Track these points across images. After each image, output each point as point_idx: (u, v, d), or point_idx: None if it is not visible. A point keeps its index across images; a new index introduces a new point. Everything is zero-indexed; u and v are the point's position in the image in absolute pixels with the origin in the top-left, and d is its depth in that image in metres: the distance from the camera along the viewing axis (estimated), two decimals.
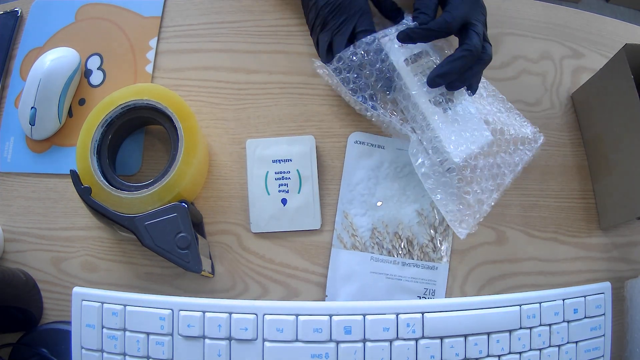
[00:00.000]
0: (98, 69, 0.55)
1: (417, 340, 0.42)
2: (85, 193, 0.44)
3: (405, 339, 0.42)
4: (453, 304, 0.44)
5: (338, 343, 0.42)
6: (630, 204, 0.48)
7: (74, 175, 0.45)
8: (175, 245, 0.43)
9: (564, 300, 0.45)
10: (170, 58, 0.56)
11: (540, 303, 0.44)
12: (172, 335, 0.42)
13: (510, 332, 0.44)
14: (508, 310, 0.44)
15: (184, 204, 0.44)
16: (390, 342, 0.42)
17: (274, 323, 0.42)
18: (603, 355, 0.46)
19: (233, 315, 0.42)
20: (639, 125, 0.45)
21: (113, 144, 0.48)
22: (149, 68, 0.55)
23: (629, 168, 0.47)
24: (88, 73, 0.55)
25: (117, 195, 0.45)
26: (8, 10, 0.57)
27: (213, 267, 0.49)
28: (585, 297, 0.46)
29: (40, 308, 0.48)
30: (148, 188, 0.45)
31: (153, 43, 0.56)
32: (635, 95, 0.45)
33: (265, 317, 0.42)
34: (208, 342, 0.42)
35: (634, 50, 0.46)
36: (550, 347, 0.44)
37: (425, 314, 0.43)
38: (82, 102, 0.54)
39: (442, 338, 0.43)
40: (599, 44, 0.59)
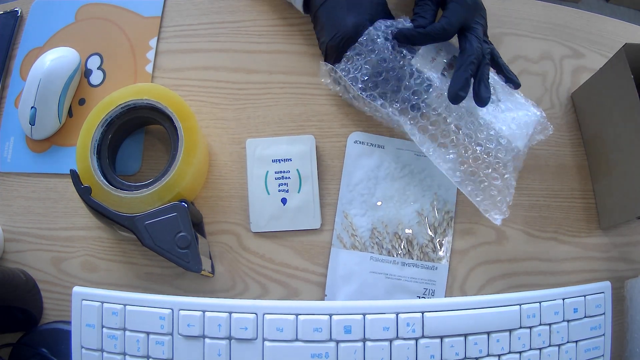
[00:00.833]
0: (98, 69, 0.55)
1: (417, 340, 0.42)
2: (85, 193, 0.44)
3: (405, 339, 0.42)
4: (453, 304, 0.44)
5: (338, 342, 0.42)
6: (630, 204, 0.48)
7: (74, 175, 0.45)
8: (175, 245, 0.43)
9: (564, 300, 0.45)
10: (170, 58, 0.56)
11: (540, 302, 0.44)
12: (172, 335, 0.42)
13: (510, 331, 0.44)
14: (508, 310, 0.44)
15: (184, 204, 0.44)
16: (390, 341, 0.42)
17: (274, 322, 0.42)
18: (603, 355, 0.46)
19: (233, 315, 0.42)
20: (639, 125, 0.45)
21: (113, 144, 0.48)
22: (149, 68, 0.55)
23: (629, 168, 0.47)
24: (88, 73, 0.55)
25: (117, 195, 0.45)
26: (8, 10, 0.57)
27: (213, 266, 0.49)
28: (585, 296, 0.46)
29: (40, 308, 0.48)
30: (148, 188, 0.45)
31: (153, 43, 0.56)
32: (635, 95, 0.45)
33: (265, 316, 0.42)
34: (208, 341, 0.42)
35: (634, 50, 0.46)
36: (550, 346, 0.44)
37: (425, 314, 0.43)
38: (82, 102, 0.54)
39: (442, 337, 0.43)
40: (599, 44, 0.59)
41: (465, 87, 0.46)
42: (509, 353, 0.43)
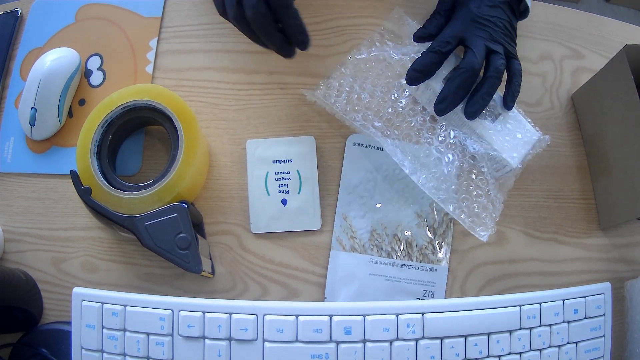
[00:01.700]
0: (98, 69, 0.55)
1: (417, 341, 0.42)
2: (85, 193, 0.44)
3: (406, 340, 0.42)
4: (453, 305, 0.44)
5: (338, 343, 0.42)
6: (630, 204, 0.48)
7: (74, 176, 0.45)
8: (176, 246, 0.43)
9: (564, 301, 0.45)
10: (171, 58, 0.56)
11: (540, 303, 0.44)
12: (172, 336, 0.42)
13: (511, 332, 0.44)
14: (508, 311, 0.44)
15: (184, 204, 0.44)
16: (391, 342, 0.42)
17: (274, 323, 0.42)
18: (603, 356, 0.46)
19: (233, 316, 0.42)
20: (639, 126, 0.45)
21: (113, 145, 0.48)
22: (149, 68, 0.55)
23: (629, 168, 0.47)
24: (88, 73, 0.55)
25: (117, 196, 0.45)
26: (8, 11, 0.57)
27: (213, 267, 0.49)
28: (585, 297, 0.46)
29: (40, 308, 0.48)
30: (148, 188, 0.45)
31: (153, 43, 0.56)
32: (635, 95, 0.45)
33: (265, 317, 0.42)
34: (208, 342, 0.42)
35: (634, 51, 0.46)
36: (551, 347, 0.44)
37: (426, 315, 0.43)
38: (82, 102, 0.54)
39: (442, 338, 0.43)
40: (599, 44, 0.59)
41: (446, 99, 0.46)
42: (509, 354, 0.43)
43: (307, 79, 0.55)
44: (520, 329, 0.44)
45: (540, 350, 0.44)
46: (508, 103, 0.49)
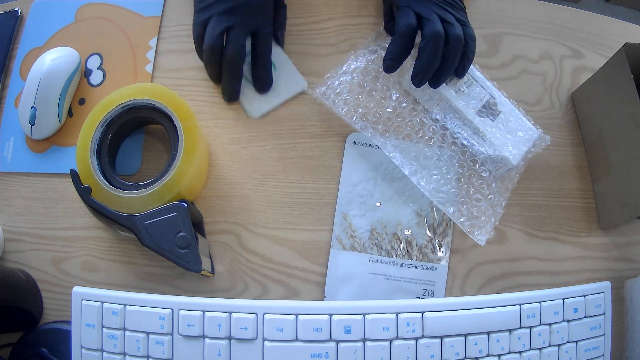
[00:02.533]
0: (98, 69, 0.55)
1: (417, 340, 0.42)
2: (85, 193, 0.44)
3: (405, 339, 0.42)
4: (453, 304, 0.44)
5: (338, 342, 0.42)
6: (630, 204, 0.48)
7: (74, 175, 0.45)
8: (175, 245, 0.43)
9: (564, 300, 0.45)
10: (170, 58, 0.56)
11: (540, 302, 0.44)
12: (172, 335, 0.42)
13: (510, 331, 0.44)
14: (508, 310, 0.44)
15: (184, 204, 0.44)
16: (390, 341, 0.42)
17: (274, 322, 0.42)
18: (603, 355, 0.46)
19: (233, 315, 0.42)
20: (639, 125, 0.45)
21: (113, 144, 0.48)
22: (149, 68, 0.55)
23: (629, 168, 0.47)
24: (88, 73, 0.55)
25: (117, 195, 0.45)
26: (8, 10, 0.57)
27: (213, 266, 0.49)
28: (585, 296, 0.46)
29: (40, 308, 0.48)
30: (148, 187, 0.45)
31: (153, 43, 0.56)
32: (635, 95, 0.45)
33: (265, 316, 0.42)
34: (208, 341, 0.42)
35: (634, 50, 0.46)
36: (550, 346, 0.44)
37: (425, 314, 0.43)
38: (82, 101, 0.54)
39: (442, 337, 0.43)
40: (599, 44, 0.59)
41: (420, 73, 0.48)
42: (509, 353, 0.43)
43: (307, 79, 0.54)
44: (520, 328, 0.44)
45: (540, 349, 0.44)
46: (465, 66, 0.50)
